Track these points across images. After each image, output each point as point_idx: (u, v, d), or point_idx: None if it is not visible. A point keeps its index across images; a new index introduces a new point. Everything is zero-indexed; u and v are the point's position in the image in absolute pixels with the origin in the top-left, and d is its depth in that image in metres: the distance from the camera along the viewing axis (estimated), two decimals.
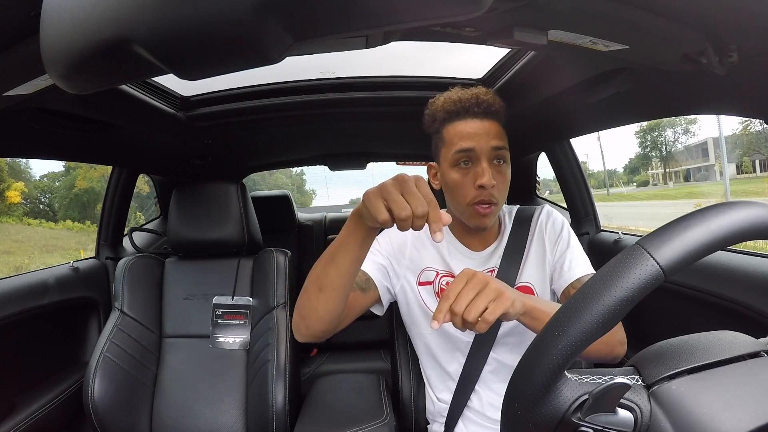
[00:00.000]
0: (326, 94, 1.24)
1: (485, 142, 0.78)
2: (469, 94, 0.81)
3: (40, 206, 21.20)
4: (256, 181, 19.02)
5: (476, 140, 0.78)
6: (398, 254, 0.88)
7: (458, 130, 0.79)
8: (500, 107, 0.81)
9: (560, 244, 0.85)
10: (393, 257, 0.88)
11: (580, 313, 0.35)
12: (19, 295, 1.14)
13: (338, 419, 0.87)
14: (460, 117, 0.80)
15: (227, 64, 0.31)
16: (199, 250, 1.24)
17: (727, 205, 0.36)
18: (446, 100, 0.83)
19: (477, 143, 0.78)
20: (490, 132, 0.78)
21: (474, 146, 0.78)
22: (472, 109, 0.79)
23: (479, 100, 0.79)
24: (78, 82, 0.34)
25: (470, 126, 0.79)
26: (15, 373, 1.13)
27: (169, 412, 1.12)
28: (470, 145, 0.78)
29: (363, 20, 0.29)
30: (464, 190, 0.80)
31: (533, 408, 0.36)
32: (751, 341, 0.39)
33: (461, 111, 0.80)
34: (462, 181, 0.80)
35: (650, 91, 0.86)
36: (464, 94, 0.81)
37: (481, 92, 0.81)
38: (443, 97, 0.84)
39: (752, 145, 20.88)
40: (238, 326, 1.18)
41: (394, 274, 0.87)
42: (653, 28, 0.58)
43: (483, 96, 0.80)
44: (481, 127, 0.78)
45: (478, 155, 0.78)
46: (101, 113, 1.00)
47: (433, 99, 0.86)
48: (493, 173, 0.78)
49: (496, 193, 0.79)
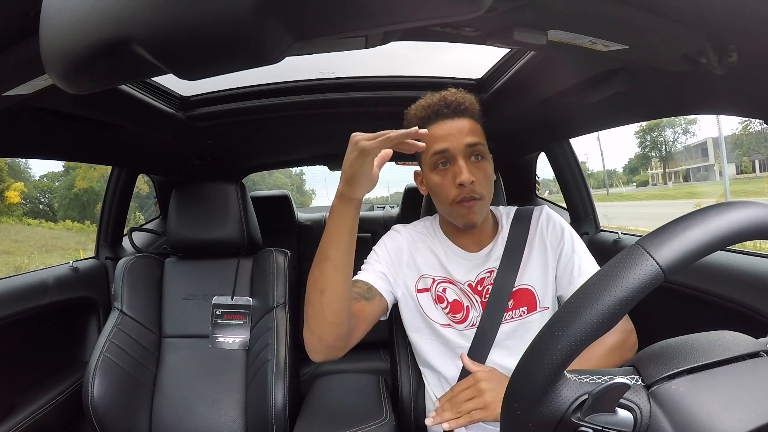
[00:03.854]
0: (326, 94, 1.24)
1: (458, 140, 0.79)
2: (437, 97, 0.83)
3: (40, 206, 21.18)
4: (256, 181, 19.03)
5: (449, 140, 0.80)
6: (395, 262, 0.88)
7: (431, 133, 0.81)
8: (470, 104, 0.83)
9: (565, 249, 0.85)
10: (391, 265, 0.88)
11: (579, 313, 0.35)
12: (18, 295, 1.14)
13: (338, 419, 0.87)
14: (431, 121, 0.82)
15: (227, 64, 0.31)
16: (198, 250, 1.24)
17: (726, 205, 0.36)
18: (416, 107, 0.86)
19: (450, 143, 0.79)
20: (462, 130, 0.80)
21: (448, 146, 0.79)
22: (442, 110, 0.81)
23: (447, 101, 0.81)
24: (78, 82, 0.34)
25: (441, 128, 0.81)
26: (15, 373, 1.13)
27: (169, 412, 1.12)
28: (444, 146, 0.80)
29: (363, 20, 0.29)
30: (446, 191, 0.81)
31: (533, 408, 0.36)
32: (751, 341, 0.39)
33: (431, 115, 0.82)
34: (442, 182, 0.81)
35: (650, 91, 0.86)
36: (432, 99, 0.83)
37: (448, 94, 0.83)
38: (414, 106, 0.86)
39: (752, 145, 20.91)
40: (237, 326, 1.18)
41: (394, 281, 0.88)
42: (653, 28, 0.58)
43: (450, 97, 0.82)
44: (453, 127, 0.80)
45: (454, 154, 0.80)
46: (101, 113, 1.00)
47: (406, 110, 0.88)
48: (472, 169, 0.79)
49: (477, 188, 0.79)
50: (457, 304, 0.85)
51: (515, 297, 0.84)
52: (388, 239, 0.91)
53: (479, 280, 0.86)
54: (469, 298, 0.85)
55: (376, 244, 0.92)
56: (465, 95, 0.83)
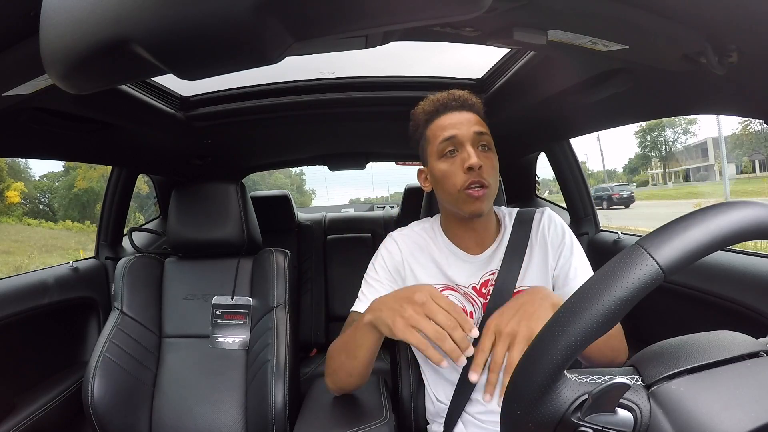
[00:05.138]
0: (326, 94, 1.24)
1: (466, 128, 0.81)
2: (445, 93, 0.86)
3: (40, 206, 21.18)
4: (256, 181, 19.02)
5: (458, 128, 0.81)
6: (396, 277, 0.88)
7: (439, 124, 0.83)
8: (476, 102, 0.85)
9: (564, 250, 0.85)
10: (392, 282, 0.88)
11: (579, 313, 0.35)
12: (18, 295, 1.14)
13: (338, 419, 0.87)
14: (439, 113, 0.84)
15: (227, 64, 0.31)
16: (198, 250, 1.24)
17: (726, 205, 0.36)
18: (424, 103, 0.88)
19: (459, 130, 0.81)
20: (470, 120, 0.82)
21: (456, 133, 0.81)
22: (450, 104, 0.83)
23: (454, 96, 0.84)
24: (78, 82, 0.34)
25: (450, 118, 0.83)
26: (15, 373, 1.13)
27: (169, 412, 1.12)
28: (453, 132, 0.81)
29: (362, 20, 0.29)
30: (454, 178, 0.80)
31: (533, 408, 0.36)
32: (751, 341, 0.39)
33: (440, 108, 0.84)
34: (450, 169, 0.81)
35: (650, 91, 0.86)
36: (440, 95, 0.86)
37: (455, 90, 0.86)
38: (422, 103, 0.88)
39: (752, 145, 20.88)
40: (237, 326, 1.18)
41: None
42: (653, 28, 0.58)
43: (458, 93, 0.85)
44: (461, 117, 0.82)
45: (462, 141, 0.80)
46: (101, 113, 1.00)
47: (413, 110, 0.90)
48: (480, 156, 0.80)
49: (485, 175, 0.79)
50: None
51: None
52: (385, 252, 0.90)
53: (483, 283, 0.85)
54: (473, 301, 0.85)
55: (373, 257, 0.91)
56: (472, 94, 0.85)
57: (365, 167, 2.15)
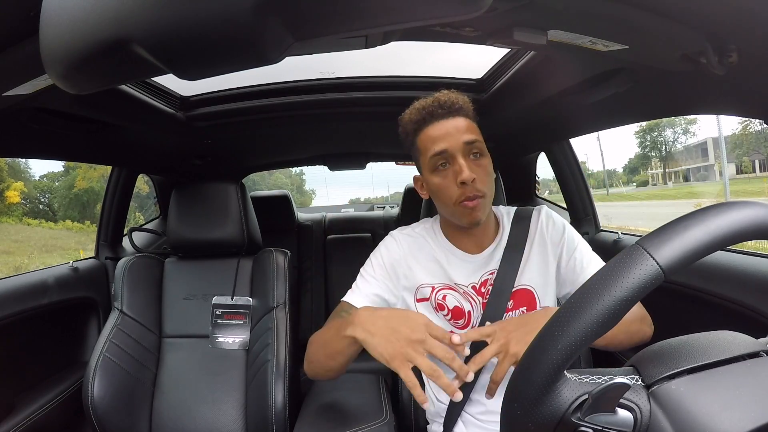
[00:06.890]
0: (326, 94, 1.24)
1: (456, 139, 0.79)
2: (430, 100, 0.83)
3: (40, 206, 21.17)
4: (256, 181, 19.00)
5: (447, 140, 0.79)
6: (392, 275, 0.88)
7: (428, 135, 0.81)
8: (464, 103, 0.83)
9: (566, 247, 0.85)
10: (388, 279, 0.87)
11: (579, 312, 0.35)
12: (18, 295, 1.14)
13: (338, 419, 0.87)
14: (426, 123, 0.82)
15: (227, 64, 0.31)
16: (198, 250, 1.24)
17: (726, 205, 0.36)
18: (410, 112, 0.86)
19: (448, 143, 0.79)
20: (459, 128, 0.80)
21: (446, 147, 0.79)
22: (436, 111, 0.81)
23: (440, 102, 0.81)
24: (78, 82, 0.34)
25: (438, 128, 0.80)
26: (15, 373, 1.13)
27: (169, 412, 1.12)
28: (442, 146, 0.79)
29: (363, 20, 0.29)
30: (448, 191, 0.80)
31: (533, 408, 0.36)
32: (751, 341, 0.39)
33: (426, 117, 0.82)
34: (443, 183, 0.81)
35: (650, 91, 0.86)
36: (426, 102, 0.83)
37: (440, 95, 0.83)
38: (408, 111, 0.86)
39: (751, 145, 20.87)
40: (237, 326, 1.18)
41: (391, 294, 0.87)
42: (653, 28, 0.58)
43: (443, 98, 0.82)
44: (449, 126, 0.80)
45: (453, 154, 0.79)
46: (101, 113, 1.00)
47: (401, 116, 0.88)
48: (472, 167, 0.79)
49: (479, 185, 0.79)
50: (458, 310, 0.85)
51: (515, 297, 0.84)
52: (384, 249, 0.90)
53: (482, 282, 0.85)
54: (472, 301, 0.85)
55: (372, 253, 0.91)
56: (458, 95, 0.83)
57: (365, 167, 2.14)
